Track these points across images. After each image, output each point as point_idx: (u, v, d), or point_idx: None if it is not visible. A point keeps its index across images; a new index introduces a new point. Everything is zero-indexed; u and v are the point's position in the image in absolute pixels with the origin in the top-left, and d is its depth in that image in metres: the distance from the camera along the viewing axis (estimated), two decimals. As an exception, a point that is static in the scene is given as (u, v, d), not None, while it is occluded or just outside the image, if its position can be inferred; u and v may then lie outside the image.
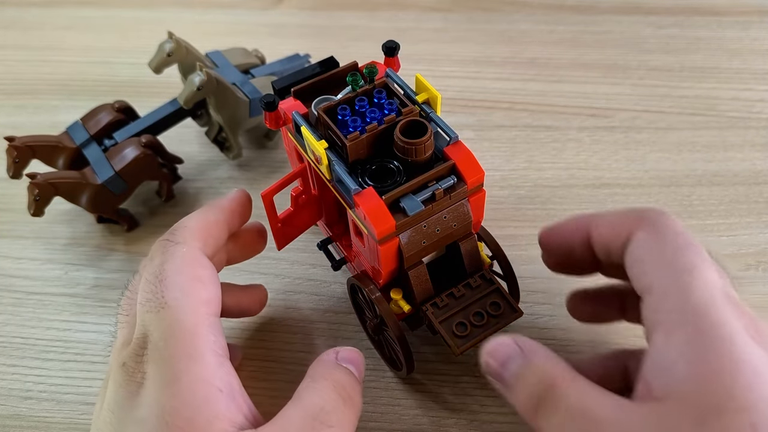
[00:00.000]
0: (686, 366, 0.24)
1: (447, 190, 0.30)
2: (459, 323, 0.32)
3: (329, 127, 0.30)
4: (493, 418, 0.35)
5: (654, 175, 0.47)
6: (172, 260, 0.29)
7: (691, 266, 0.26)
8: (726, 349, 0.23)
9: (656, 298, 0.26)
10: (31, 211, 0.41)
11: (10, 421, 0.36)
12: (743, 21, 0.59)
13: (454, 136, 0.31)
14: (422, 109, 0.32)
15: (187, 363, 0.26)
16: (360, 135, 0.30)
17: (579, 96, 0.53)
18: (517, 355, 0.27)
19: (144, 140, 0.42)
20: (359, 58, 0.57)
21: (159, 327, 0.27)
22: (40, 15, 0.63)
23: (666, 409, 0.23)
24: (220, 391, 0.26)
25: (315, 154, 0.31)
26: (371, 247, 0.31)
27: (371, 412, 0.36)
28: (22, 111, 0.54)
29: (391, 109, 0.31)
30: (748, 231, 0.43)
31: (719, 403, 0.22)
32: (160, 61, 0.44)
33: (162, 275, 0.29)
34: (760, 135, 0.49)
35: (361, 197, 0.29)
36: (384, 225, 0.29)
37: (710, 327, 0.24)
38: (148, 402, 0.26)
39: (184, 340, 0.27)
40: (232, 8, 0.63)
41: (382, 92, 0.32)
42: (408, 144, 0.30)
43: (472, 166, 0.31)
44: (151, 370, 0.26)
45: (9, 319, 0.41)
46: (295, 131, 0.33)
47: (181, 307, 0.28)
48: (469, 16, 0.62)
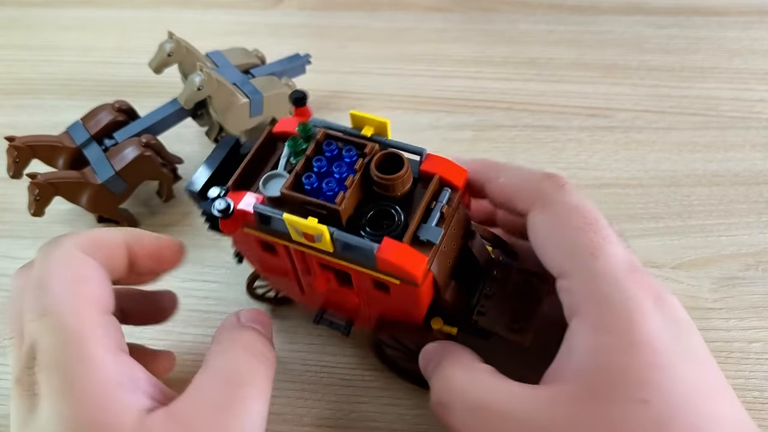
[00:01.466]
0: (587, 349, 0.24)
1: (449, 204, 0.29)
2: (510, 318, 0.31)
3: (307, 202, 0.28)
4: (493, 418, 0.35)
5: (654, 175, 0.47)
6: (49, 264, 0.28)
7: (592, 247, 0.26)
8: (625, 329, 0.24)
9: (566, 283, 0.26)
10: (32, 211, 0.41)
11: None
12: (743, 21, 0.59)
13: (423, 151, 0.30)
14: (378, 142, 0.30)
15: (80, 366, 0.25)
16: (345, 194, 0.28)
17: (579, 96, 0.53)
18: (430, 360, 0.30)
19: (144, 140, 0.42)
20: (359, 58, 0.58)
21: (44, 334, 0.26)
22: (40, 15, 0.63)
23: (559, 391, 0.24)
24: (121, 385, 0.25)
25: (308, 235, 0.28)
26: (404, 294, 0.29)
27: (371, 412, 0.36)
28: (22, 111, 0.54)
29: (350, 156, 0.29)
30: (748, 231, 0.43)
31: (613, 381, 0.23)
32: (160, 61, 0.44)
33: (40, 281, 0.27)
34: (760, 135, 0.49)
35: (383, 251, 0.27)
36: (419, 266, 0.27)
37: (613, 308, 0.24)
38: (47, 414, 0.24)
39: (71, 343, 0.25)
40: (232, 8, 0.63)
41: (330, 144, 0.29)
42: (388, 180, 0.28)
43: (454, 170, 0.30)
44: (44, 380, 0.25)
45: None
46: (259, 224, 0.29)
47: (63, 311, 0.26)
48: (469, 16, 0.62)
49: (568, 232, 0.27)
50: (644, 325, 0.24)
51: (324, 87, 0.54)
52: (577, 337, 0.25)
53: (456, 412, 0.27)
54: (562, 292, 0.27)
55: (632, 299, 0.24)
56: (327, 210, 0.28)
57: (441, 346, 0.30)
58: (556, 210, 0.27)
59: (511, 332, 0.31)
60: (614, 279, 0.25)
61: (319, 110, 0.53)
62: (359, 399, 0.36)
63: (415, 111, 0.52)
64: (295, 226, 0.27)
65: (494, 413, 0.25)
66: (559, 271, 0.27)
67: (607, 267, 0.25)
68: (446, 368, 0.28)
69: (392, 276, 0.28)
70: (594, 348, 0.24)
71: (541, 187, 0.28)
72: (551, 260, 0.27)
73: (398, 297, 0.29)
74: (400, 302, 0.30)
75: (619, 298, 0.25)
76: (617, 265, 0.25)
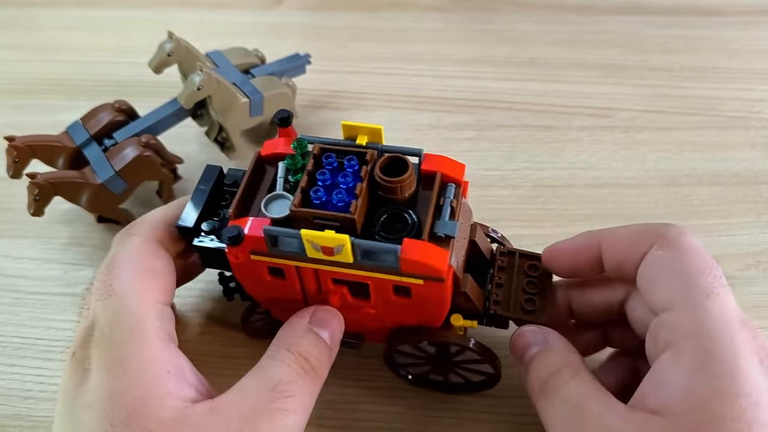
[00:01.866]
0: (687, 387, 0.24)
1: (456, 198, 0.30)
2: (524, 301, 0.32)
3: (320, 215, 0.27)
4: (494, 417, 0.35)
5: (654, 175, 0.47)
6: (124, 251, 0.30)
7: (709, 289, 0.26)
8: (729, 377, 0.24)
9: (671, 317, 0.26)
10: (31, 210, 0.41)
11: (10, 421, 0.36)
12: (743, 21, 0.59)
13: (420, 152, 0.30)
14: (375, 149, 0.30)
15: (133, 347, 0.27)
16: (357, 202, 0.27)
17: (579, 96, 0.53)
18: (539, 342, 0.30)
19: (144, 140, 0.42)
20: (359, 58, 0.58)
21: (105, 314, 0.28)
22: (40, 15, 0.63)
23: (656, 423, 0.24)
24: (168, 372, 0.27)
25: (326, 249, 0.27)
26: (428, 294, 0.29)
27: (371, 411, 0.36)
28: (22, 111, 0.54)
29: (352, 165, 0.29)
30: (748, 231, 0.43)
31: (712, 427, 0.23)
32: (160, 61, 0.44)
33: (112, 265, 0.29)
34: (760, 135, 0.49)
35: (406, 251, 0.27)
36: (443, 261, 0.27)
37: (719, 354, 0.24)
38: (95, 386, 0.26)
39: (129, 325, 0.27)
40: (232, 8, 0.63)
41: (329, 156, 0.29)
42: (395, 183, 0.28)
43: (453, 165, 0.30)
44: (96, 356, 0.27)
45: (9, 319, 0.41)
46: (270, 247, 0.28)
47: (127, 294, 0.28)
48: (469, 16, 0.62)
49: (687, 269, 0.27)
50: (750, 379, 0.24)
51: (324, 87, 0.54)
52: (672, 371, 0.25)
53: (553, 400, 0.28)
54: (662, 326, 0.27)
55: (741, 351, 0.25)
56: (340, 221, 0.27)
57: (546, 332, 0.30)
58: (680, 248, 0.28)
59: (528, 314, 0.32)
60: (727, 326, 0.25)
61: (319, 110, 0.53)
62: (359, 399, 0.36)
63: (415, 111, 0.52)
64: (313, 241, 0.27)
65: (590, 416, 0.26)
66: (665, 304, 0.27)
67: (721, 312, 0.26)
68: (557, 356, 0.29)
69: (416, 276, 0.28)
70: (693, 388, 0.24)
71: (663, 230, 0.29)
72: (661, 292, 0.27)
73: (421, 298, 0.29)
74: (423, 304, 0.30)
75: (729, 347, 0.25)
76: (731, 312, 0.26)
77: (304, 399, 0.28)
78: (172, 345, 0.28)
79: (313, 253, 0.28)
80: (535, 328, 0.31)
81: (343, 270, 0.29)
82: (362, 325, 0.33)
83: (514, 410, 0.36)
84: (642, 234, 0.29)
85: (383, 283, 0.29)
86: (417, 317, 0.32)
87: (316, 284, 0.30)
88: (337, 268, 0.29)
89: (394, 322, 0.33)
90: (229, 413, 0.26)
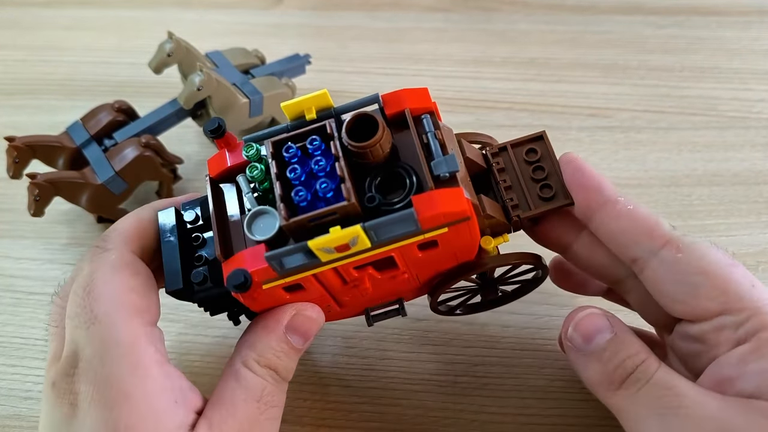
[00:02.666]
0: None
1: (437, 128, 0.27)
2: (540, 190, 0.31)
3: (316, 216, 0.25)
4: (493, 418, 0.35)
5: (654, 175, 0.47)
6: (100, 269, 0.27)
7: (750, 278, 0.27)
8: None
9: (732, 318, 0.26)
10: (31, 211, 0.41)
11: (10, 421, 0.36)
12: (743, 21, 0.59)
13: (376, 97, 0.28)
14: (330, 117, 0.28)
15: (135, 379, 0.25)
16: (347, 186, 0.25)
17: (579, 96, 0.53)
18: (606, 329, 0.28)
19: (144, 140, 0.42)
20: (359, 58, 0.57)
21: (91, 344, 0.26)
22: (40, 15, 0.63)
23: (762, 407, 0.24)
24: (176, 402, 0.26)
25: (341, 247, 0.25)
26: (456, 236, 0.27)
27: (371, 412, 0.36)
28: (22, 111, 0.54)
29: (317, 147, 0.26)
30: (748, 231, 0.43)
31: None
32: (160, 61, 0.44)
33: (90, 286, 0.27)
34: (760, 135, 0.49)
35: (421, 211, 0.25)
36: (461, 200, 0.25)
37: None
38: (91, 424, 0.25)
39: (122, 356, 0.25)
40: (232, 8, 0.63)
41: (289, 148, 0.26)
42: (368, 146, 0.26)
43: (416, 95, 0.28)
44: (86, 390, 0.25)
45: (9, 319, 0.41)
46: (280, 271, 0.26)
47: (113, 321, 0.26)
48: (469, 16, 0.62)
49: (722, 269, 0.27)
50: None
51: (324, 87, 0.54)
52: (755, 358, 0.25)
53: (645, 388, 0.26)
54: (722, 329, 0.27)
55: None
56: (338, 211, 0.25)
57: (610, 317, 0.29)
58: (701, 251, 0.27)
59: (552, 202, 0.30)
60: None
61: (319, 110, 0.53)
62: (359, 399, 0.36)
63: (415, 111, 0.52)
64: (324, 247, 0.25)
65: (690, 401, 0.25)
66: (720, 308, 0.27)
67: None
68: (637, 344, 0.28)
69: (440, 227, 0.26)
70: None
71: (672, 231, 0.28)
72: (708, 298, 0.27)
73: (450, 243, 0.27)
74: (453, 247, 0.28)
75: None
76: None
77: (282, 404, 0.29)
78: (169, 367, 0.27)
79: (327, 256, 0.25)
80: (600, 311, 0.29)
81: (362, 256, 0.26)
82: (397, 290, 0.31)
83: (514, 410, 0.36)
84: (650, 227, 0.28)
85: (406, 248, 0.27)
86: (451, 260, 0.30)
87: (339, 279, 0.28)
88: (357, 257, 0.26)
89: (429, 274, 0.31)
90: (227, 429, 0.26)
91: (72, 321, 0.27)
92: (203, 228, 0.29)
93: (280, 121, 0.49)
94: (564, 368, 0.37)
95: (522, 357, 0.38)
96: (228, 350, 0.30)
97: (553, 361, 0.38)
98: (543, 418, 0.35)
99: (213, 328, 0.39)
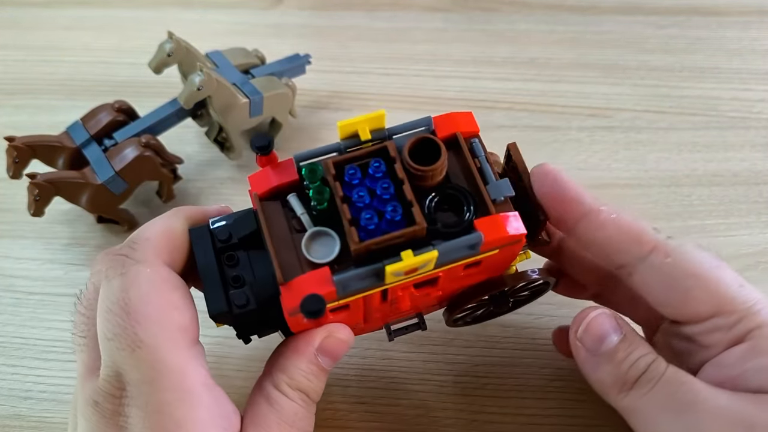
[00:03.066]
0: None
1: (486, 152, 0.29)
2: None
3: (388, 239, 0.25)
4: (493, 418, 0.35)
5: (654, 175, 0.47)
6: (136, 286, 0.26)
7: (739, 281, 0.27)
8: None
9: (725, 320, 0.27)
10: (31, 211, 0.41)
11: (10, 421, 0.36)
12: (743, 21, 0.59)
13: (429, 121, 0.29)
14: (384, 139, 0.28)
15: (186, 409, 0.25)
16: (417, 209, 0.25)
17: (579, 96, 0.53)
18: (616, 329, 0.28)
19: (144, 140, 0.42)
20: (359, 58, 0.58)
21: (138, 369, 0.25)
22: (40, 15, 0.63)
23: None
24: (225, 430, 0.26)
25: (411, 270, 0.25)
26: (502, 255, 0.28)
27: (371, 412, 0.36)
28: (22, 111, 0.54)
29: (378, 167, 0.27)
30: (748, 231, 0.43)
31: None
32: (160, 61, 0.44)
33: (128, 307, 0.25)
34: (760, 135, 0.49)
35: (486, 234, 0.26)
36: (518, 225, 0.27)
37: None
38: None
39: (172, 384, 0.25)
40: (232, 8, 0.63)
41: (351, 168, 0.26)
42: (430, 170, 0.26)
43: (463, 119, 0.29)
44: (137, 416, 0.25)
45: (9, 319, 0.41)
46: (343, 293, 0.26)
47: (159, 345, 0.25)
48: (469, 16, 0.62)
49: (710, 272, 0.27)
50: None
51: (324, 87, 0.54)
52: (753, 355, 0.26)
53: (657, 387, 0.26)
54: (715, 330, 0.27)
55: None
56: (407, 236, 0.25)
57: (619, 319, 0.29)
58: (688, 254, 0.27)
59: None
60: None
61: (319, 110, 0.53)
62: (359, 399, 0.36)
63: (415, 111, 0.52)
64: (398, 271, 0.25)
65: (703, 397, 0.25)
66: (712, 311, 0.27)
67: (764, 297, 0.27)
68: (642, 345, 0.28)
69: (493, 249, 0.27)
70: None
71: (658, 236, 0.28)
72: (700, 301, 0.27)
73: (492, 262, 0.28)
74: (492, 266, 0.29)
75: None
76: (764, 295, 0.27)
77: (311, 428, 0.29)
78: (217, 391, 0.26)
79: (393, 279, 0.26)
80: (608, 312, 0.29)
81: (417, 277, 0.27)
82: (423, 306, 0.32)
83: (514, 410, 0.36)
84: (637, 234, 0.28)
85: (455, 268, 0.28)
86: (482, 276, 0.30)
87: (381, 299, 0.28)
88: (411, 277, 0.27)
89: (455, 290, 0.31)
90: None
91: (111, 342, 0.25)
92: (236, 247, 0.28)
93: (280, 121, 0.49)
94: (563, 368, 0.37)
95: (522, 357, 0.38)
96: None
97: (552, 361, 0.38)
98: (543, 418, 0.35)
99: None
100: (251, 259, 0.28)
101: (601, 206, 0.29)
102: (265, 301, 0.27)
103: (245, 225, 0.28)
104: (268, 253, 0.26)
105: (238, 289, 0.27)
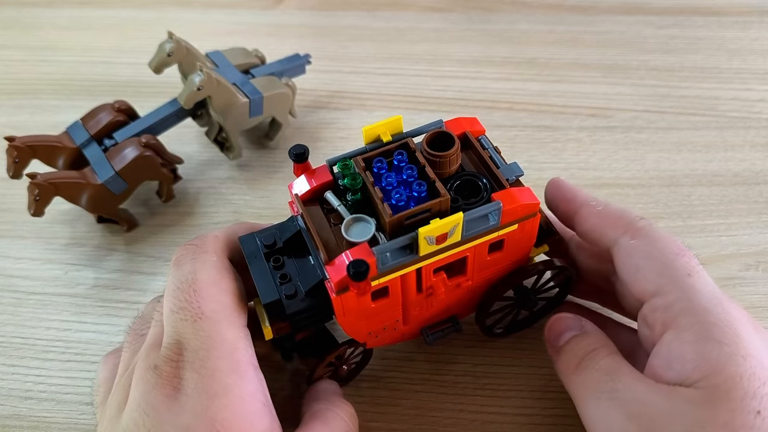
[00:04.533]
0: (698, 356, 0.26)
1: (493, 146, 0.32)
2: None
3: (418, 211, 0.28)
4: (493, 418, 0.35)
5: (654, 175, 0.47)
6: (204, 269, 0.30)
7: (689, 269, 0.29)
8: (734, 341, 0.26)
9: (661, 300, 0.29)
10: (31, 211, 0.41)
11: (10, 421, 0.36)
12: (743, 21, 0.59)
13: (440, 123, 0.33)
14: (403, 138, 0.31)
15: (235, 378, 0.27)
16: (440, 184, 0.29)
17: (579, 96, 0.53)
18: (576, 327, 0.32)
19: (144, 140, 0.42)
20: (359, 58, 0.58)
21: (197, 337, 0.28)
22: (40, 15, 0.63)
23: (680, 392, 0.26)
24: (265, 406, 0.28)
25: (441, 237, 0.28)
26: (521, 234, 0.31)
27: (371, 412, 0.36)
28: (22, 111, 0.54)
29: (401, 159, 0.30)
30: (748, 231, 0.43)
31: (728, 389, 0.25)
32: (160, 61, 0.44)
33: (196, 285, 0.29)
34: (760, 135, 0.49)
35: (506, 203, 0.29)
36: (532, 195, 0.30)
37: (717, 323, 0.27)
38: (192, 410, 0.26)
39: (226, 354, 0.28)
40: (232, 8, 0.63)
41: (379, 161, 0.30)
42: (446, 156, 0.30)
43: (470, 122, 0.33)
44: (192, 378, 0.27)
45: (9, 319, 0.41)
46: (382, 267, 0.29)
47: (219, 319, 0.28)
48: (468, 16, 0.62)
49: (665, 255, 0.29)
50: (751, 343, 0.26)
51: (324, 87, 0.54)
52: (678, 346, 0.27)
53: (589, 372, 0.29)
54: (655, 310, 0.29)
55: (736, 319, 0.27)
56: (432, 207, 0.29)
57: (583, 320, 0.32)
58: (652, 237, 0.30)
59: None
60: (715, 299, 0.28)
61: (319, 110, 0.53)
62: (359, 399, 0.36)
63: (415, 111, 0.52)
64: (430, 234, 0.28)
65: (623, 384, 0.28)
66: (654, 290, 0.29)
67: (706, 287, 0.28)
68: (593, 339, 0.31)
69: (511, 224, 0.30)
70: (704, 355, 0.26)
71: (632, 220, 0.31)
72: (646, 280, 0.29)
73: (513, 243, 0.32)
74: (516, 247, 0.32)
75: (724, 316, 0.27)
76: (713, 287, 0.28)
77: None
78: (260, 372, 0.29)
79: (426, 248, 0.28)
80: (572, 315, 0.33)
81: (445, 255, 0.30)
82: (455, 306, 0.35)
83: (514, 410, 0.36)
84: (614, 220, 0.32)
85: (480, 248, 0.31)
86: (508, 263, 0.33)
87: (416, 285, 0.31)
88: (441, 255, 0.30)
89: (485, 284, 0.34)
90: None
91: (176, 315, 0.28)
92: (281, 251, 0.32)
93: (280, 120, 0.49)
94: (564, 368, 0.37)
95: (522, 357, 0.38)
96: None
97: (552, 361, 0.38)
98: (543, 418, 0.35)
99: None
100: (295, 261, 0.31)
101: (591, 201, 0.33)
102: (311, 290, 0.30)
103: (289, 228, 0.32)
104: (309, 255, 0.31)
105: (285, 284, 0.31)
